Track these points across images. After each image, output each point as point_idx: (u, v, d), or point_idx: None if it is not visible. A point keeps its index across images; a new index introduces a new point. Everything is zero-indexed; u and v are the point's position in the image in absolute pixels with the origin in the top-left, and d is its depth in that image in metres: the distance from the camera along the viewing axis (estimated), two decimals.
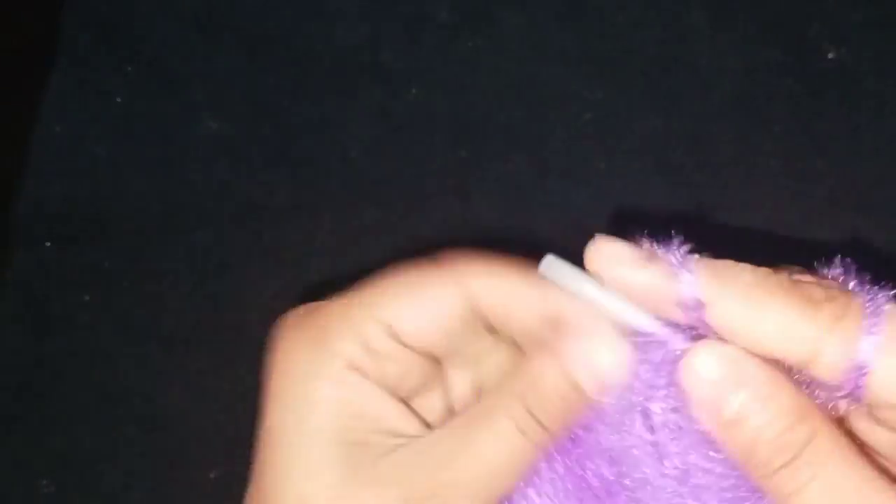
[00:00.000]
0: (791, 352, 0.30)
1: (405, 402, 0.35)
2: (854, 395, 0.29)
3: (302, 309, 0.38)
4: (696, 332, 0.31)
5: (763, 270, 0.31)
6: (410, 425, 0.34)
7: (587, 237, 0.83)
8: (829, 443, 0.28)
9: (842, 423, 0.30)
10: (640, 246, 0.33)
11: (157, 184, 0.87)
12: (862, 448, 0.29)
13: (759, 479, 0.29)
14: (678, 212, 0.81)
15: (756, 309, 0.30)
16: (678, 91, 0.86)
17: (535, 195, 0.84)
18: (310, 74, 0.91)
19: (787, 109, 0.84)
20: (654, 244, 0.32)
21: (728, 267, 0.31)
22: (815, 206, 0.81)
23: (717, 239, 0.80)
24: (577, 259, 0.37)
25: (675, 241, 0.31)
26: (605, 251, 0.33)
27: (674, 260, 0.31)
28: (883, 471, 0.29)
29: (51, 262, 0.85)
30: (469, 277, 0.34)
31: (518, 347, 0.35)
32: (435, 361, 0.35)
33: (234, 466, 0.78)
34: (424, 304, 0.35)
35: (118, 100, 0.91)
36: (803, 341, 0.29)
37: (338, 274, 0.82)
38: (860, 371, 0.28)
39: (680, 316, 0.31)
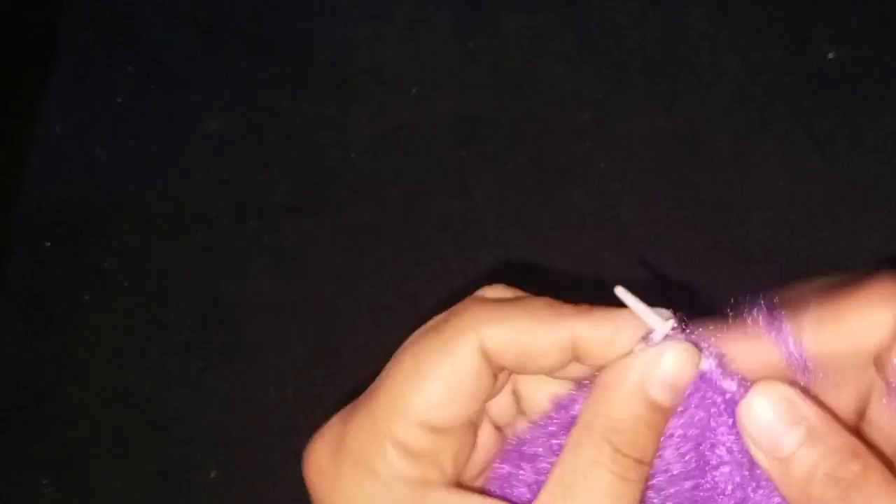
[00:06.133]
0: (868, 343, 0.30)
1: (466, 486, 0.33)
2: None
3: (330, 427, 0.36)
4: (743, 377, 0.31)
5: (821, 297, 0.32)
6: None
7: (586, 237, 0.83)
8: (879, 478, 0.29)
9: (890, 464, 0.31)
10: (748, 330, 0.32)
11: (157, 184, 0.87)
12: None
13: None
14: (678, 212, 0.81)
15: (828, 326, 0.31)
16: (678, 91, 0.86)
17: (535, 195, 0.84)
18: (310, 74, 0.91)
19: (787, 109, 0.85)
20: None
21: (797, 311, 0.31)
22: (815, 206, 0.81)
23: (717, 240, 0.80)
24: (576, 256, 0.37)
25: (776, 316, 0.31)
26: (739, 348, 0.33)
27: (763, 327, 0.32)
28: None
29: (51, 262, 0.85)
30: (479, 332, 0.32)
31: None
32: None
33: (234, 466, 0.78)
34: (445, 384, 0.32)
35: (118, 100, 0.91)
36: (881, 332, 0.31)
37: (338, 274, 0.82)
38: None
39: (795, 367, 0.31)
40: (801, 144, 0.83)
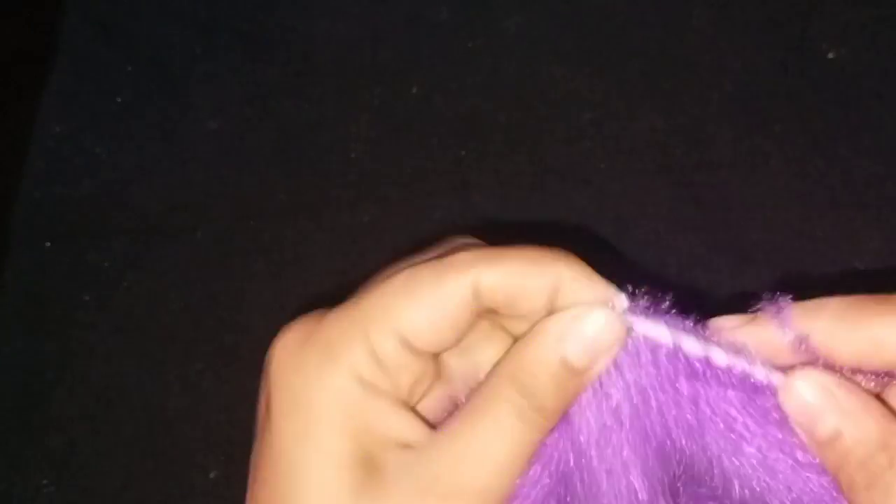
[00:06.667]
0: (887, 357, 0.32)
1: (412, 408, 0.34)
2: None
3: (304, 319, 0.36)
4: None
5: (849, 297, 0.33)
6: (418, 432, 0.34)
7: (587, 237, 0.83)
8: None
9: None
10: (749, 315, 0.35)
11: (157, 184, 0.87)
12: None
13: (846, 493, 0.32)
14: (678, 212, 0.81)
15: (848, 326, 0.33)
16: (678, 91, 0.86)
17: (535, 195, 0.84)
18: (310, 74, 0.91)
19: (787, 109, 0.84)
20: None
21: (817, 303, 0.33)
22: (815, 206, 0.81)
23: (717, 240, 0.80)
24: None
25: (778, 302, 0.34)
26: (723, 325, 0.35)
27: (771, 315, 0.34)
28: None
29: (51, 262, 0.85)
30: (475, 268, 0.33)
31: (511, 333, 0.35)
32: (437, 356, 0.35)
33: (234, 466, 0.78)
34: (435, 306, 0.33)
35: (118, 100, 0.91)
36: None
37: (338, 274, 0.82)
38: None
39: (793, 356, 0.33)
40: (801, 144, 0.83)
